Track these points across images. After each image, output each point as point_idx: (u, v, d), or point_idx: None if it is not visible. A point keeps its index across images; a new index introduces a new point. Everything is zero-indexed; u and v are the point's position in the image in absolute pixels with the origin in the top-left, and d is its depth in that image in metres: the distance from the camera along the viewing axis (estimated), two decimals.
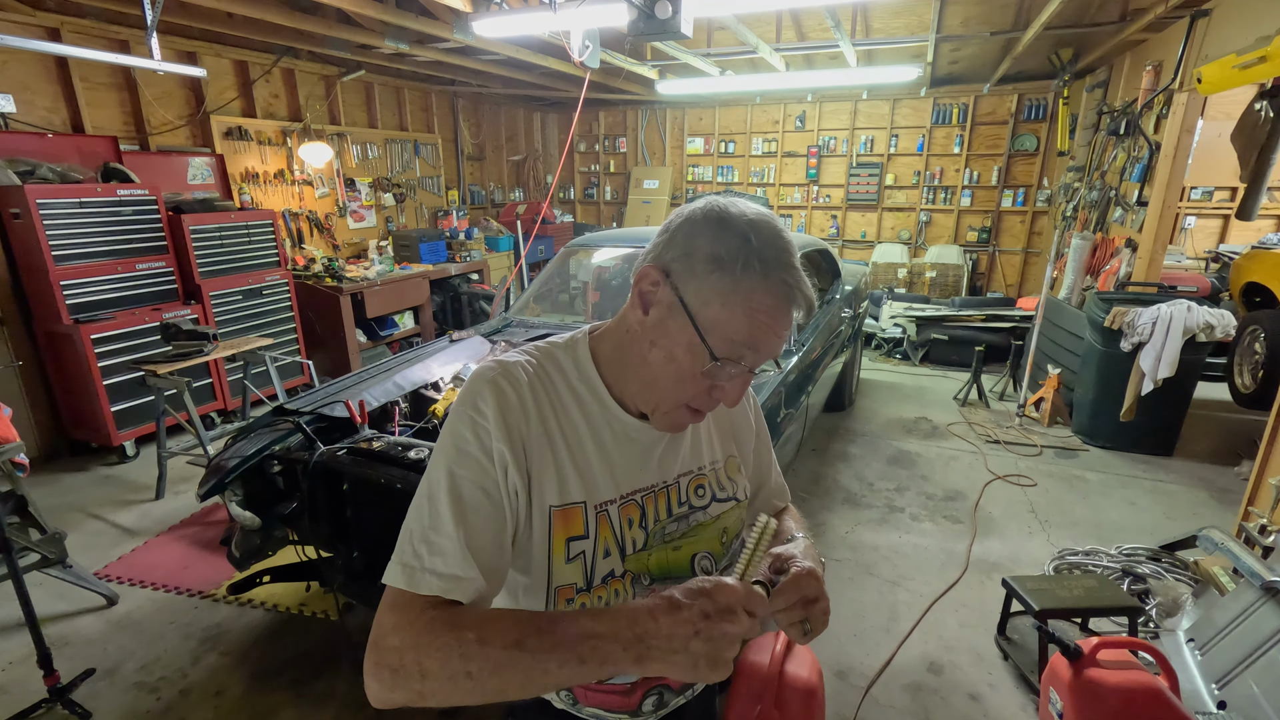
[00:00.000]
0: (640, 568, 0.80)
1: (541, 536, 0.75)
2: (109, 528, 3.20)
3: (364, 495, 1.96)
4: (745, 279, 0.68)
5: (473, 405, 0.73)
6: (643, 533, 0.80)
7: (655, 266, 0.73)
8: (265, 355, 3.87)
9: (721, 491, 0.89)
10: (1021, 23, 5.28)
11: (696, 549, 0.85)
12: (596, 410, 0.79)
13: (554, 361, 0.80)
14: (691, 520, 0.85)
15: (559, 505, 0.75)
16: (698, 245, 0.70)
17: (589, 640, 0.62)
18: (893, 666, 2.31)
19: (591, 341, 0.82)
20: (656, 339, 0.73)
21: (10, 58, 3.80)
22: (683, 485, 0.85)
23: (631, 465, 0.80)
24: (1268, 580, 2.01)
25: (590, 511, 0.76)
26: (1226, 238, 6.69)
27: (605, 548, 0.77)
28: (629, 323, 0.77)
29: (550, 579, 0.76)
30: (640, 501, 0.80)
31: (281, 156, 5.51)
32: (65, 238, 3.60)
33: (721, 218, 0.71)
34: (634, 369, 0.77)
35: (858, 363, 4.97)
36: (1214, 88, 3.55)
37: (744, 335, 0.70)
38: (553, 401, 0.77)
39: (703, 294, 0.70)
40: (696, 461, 0.87)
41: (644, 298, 0.74)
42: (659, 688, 0.87)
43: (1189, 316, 3.58)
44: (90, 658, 2.32)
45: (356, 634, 2.42)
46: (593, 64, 3.72)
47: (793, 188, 8.33)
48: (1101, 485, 3.65)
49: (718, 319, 0.69)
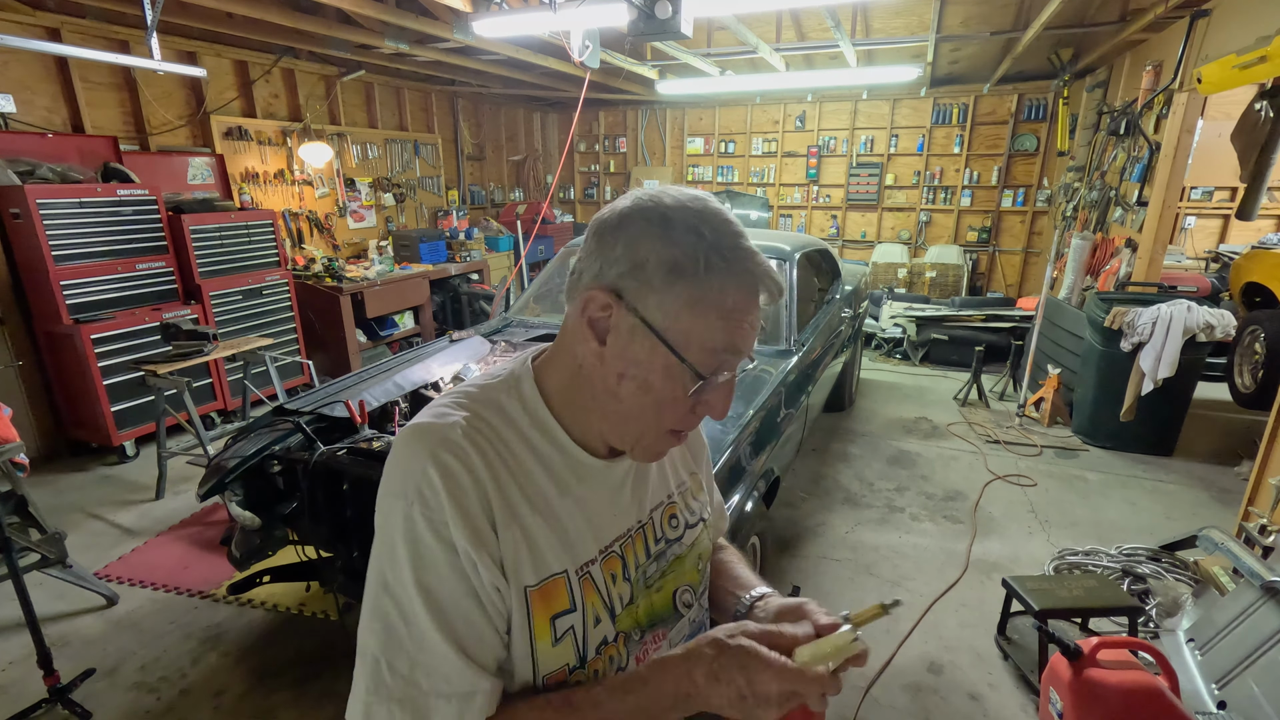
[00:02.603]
0: (631, 625, 0.72)
1: (520, 624, 0.64)
2: (109, 528, 3.20)
3: (364, 495, 1.96)
4: (710, 279, 0.60)
5: (417, 496, 0.60)
6: (627, 585, 0.72)
7: (602, 288, 0.62)
8: (265, 355, 3.87)
9: (691, 516, 0.82)
10: (1021, 23, 5.28)
11: (678, 584, 0.79)
12: (558, 459, 0.68)
13: (497, 409, 0.68)
14: (669, 555, 0.78)
15: (535, 584, 0.64)
16: (645, 254, 0.60)
17: (637, 715, 0.62)
18: (893, 666, 2.31)
19: (535, 374, 0.71)
20: (625, 370, 0.63)
21: (10, 58, 3.80)
22: (656, 520, 0.78)
23: (605, 512, 0.71)
24: (1268, 580, 2.01)
25: (573, 579, 0.67)
26: (1226, 238, 6.69)
27: (595, 615, 0.68)
28: (580, 356, 0.66)
29: (536, 671, 0.66)
30: (619, 551, 0.72)
31: (281, 156, 5.51)
32: (65, 238, 3.59)
33: (663, 216, 0.61)
34: (600, 405, 0.67)
35: (858, 363, 4.96)
36: (1214, 88, 3.55)
37: (723, 340, 0.62)
38: (505, 460, 0.65)
39: (667, 308, 0.60)
40: (665, 490, 0.80)
41: (595, 326, 0.63)
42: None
43: (1189, 316, 3.58)
44: (90, 658, 2.32)
45: (356, 634, 2.41)
46: (593, 64, 3.72)
47: (793, 188, 8.33)
48: (1101, 485, 3.65)
49: (691, 331, 0.61)
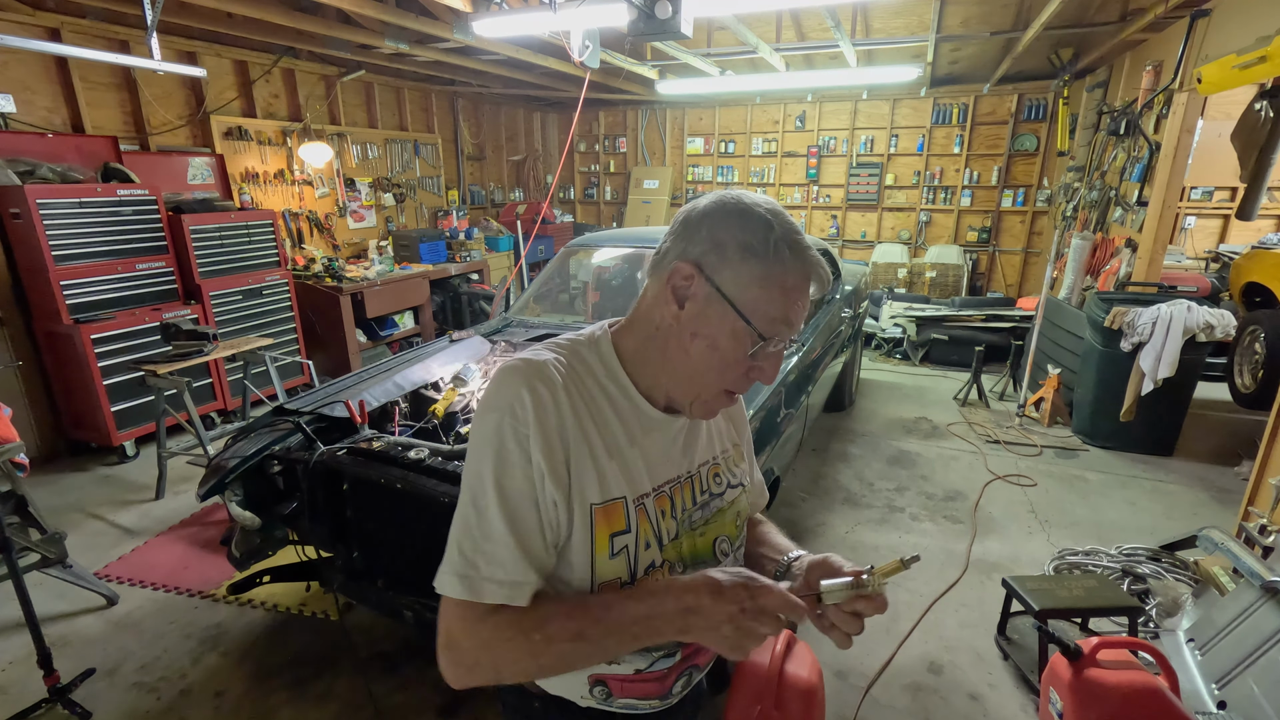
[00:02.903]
0: (675, 556, 0.83)
1: (583, 537, 0.76)
2: (109, 528, 3.20)
3: (364, 495, 1.96)
4: (777, 261, 0.73)
5: (509, 410, 0.73)
6: (674, 522, 0.83)
7: (687, 261, 0.75)
8: (265, 355, 3.87)
9: (733, 479, 0.93)
10: (1021, 23, 5.28)
11: (718, 533, 0.89)
12: (626, 406, 0.81)
13: (581, 360, 0.81)
14: (712, 507, 0.89)
15: (600, 502, 0.76)
16: (725, 237, 0.74)
17: (642, 622, 0.71)
18: (893, 666, 2.31)
19: (615, 339, 0.84)
20: (698, 329, 0.75)
21: (10, 58, 3.80)
22: (703, 474, 0.89)
23: (661, 458, 0.83)
24: (1268, 580, 2.01)
25: (630, 506, 0.79)
26: (1226, 238, 6.69)
27: (645, 540, 0.80)
28: (658, 319, 0.79)
29: (594, 578, 0.78)
30: (669, 492, 0.84)
31: (281, 156, 5.51)
32: (65, 238, 3.60)
33: (742, 209, 0.75)
34: (672, 363, 0.79)
35: (858, 363, 4.96)
36: (1214, 88, 3.55)
37: (780, 312, 0.74)
38: (586, 400, 0.78)
39: (740, 280, 0.73)
40: (711, 451, 0.91)
41: (678, 292, 0.76)
42: (689, 669, 0.90)
43: (1189, 316, 3.58)
44: (90, 658, 2.32)
45: (356, 634, 2.42)
46: (593, 64, 3.72)
47: (793, 188, 8.33)
48: (1101, 485, 3.65)
49: (757, 301, 0.73)
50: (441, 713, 2.11)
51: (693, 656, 0.88)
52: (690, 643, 0.83)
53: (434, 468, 1.85)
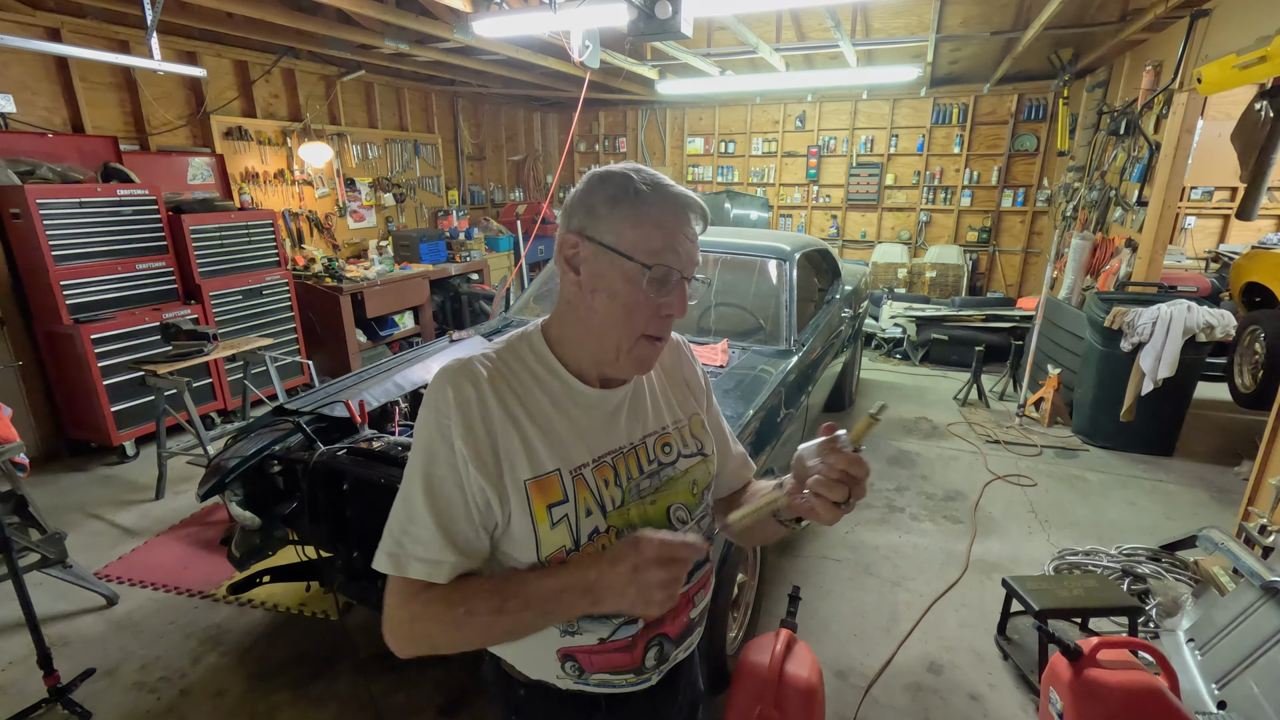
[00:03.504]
0: (623, 522, 0.86)
1: (521, 511, 0.80)
2: (109, 528, 3.20)
3: (364, 495, 1.96)
4: (641, 202, 0.80)
5: (434, 406, 0.80)
6: (619, 490, 0.87)
7: (570, 233, 0.83)
8: (265, 355, 3.87)
9: (686, 448, 0.96)
10: (1021, 23, 5.28)
11: (671, 501, 0.92)
12: (558, 387, 0.86)
13: (513, 352, 0.88)
14: (662, 475, 0.92)
15: (532, 477, 0.81)
16: (594, 200, 0.81)
17: (554, 596, 0.76)
18: (893, 666, 2.31)
19: (542, 327, 0.91)
20: (595, 285, 0.81)
21: (10, 58, 3.80)
22: (650, 445, 0.92)
23: (599, 431, 0.88)
24: (1268, 580, 2.01)
25: (566, 477, 0.83)
26: (1226, 238, 6.69)
27: (586, 508, 0.84)
28: (566, 292, 0.85)
29: (539, 549, 0.82)
30: (612, 462, 0.87)
31: (281, 156, 5.51)
32: (65, 238, 3.59)
33: (603, 175, 0.83)
34: (586, 327, 0.84)
35: (858, 363, 4.96)
36: (1214, 88, 3.55)
37: (661, 242, 0.80)
38: (514, 387, 0.84)
39: (614, 228, 0.80)
40: (659, 423, 0.95)
41: (571, 262, 0.83)
42: (658, 638, 0.91)
43: (1189, 316, 3.58)
44: (90, 658, 2.32)
45: (356, 634, 2.42)
46: (593, 64, 3.72)
47: (793, 188, 8.32)
48: (1101, 485, 3.65)
49: (635, 240, 0.79)
50: (441, 712, 2.11)
51: (658, 625, 0.90)
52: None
53: None
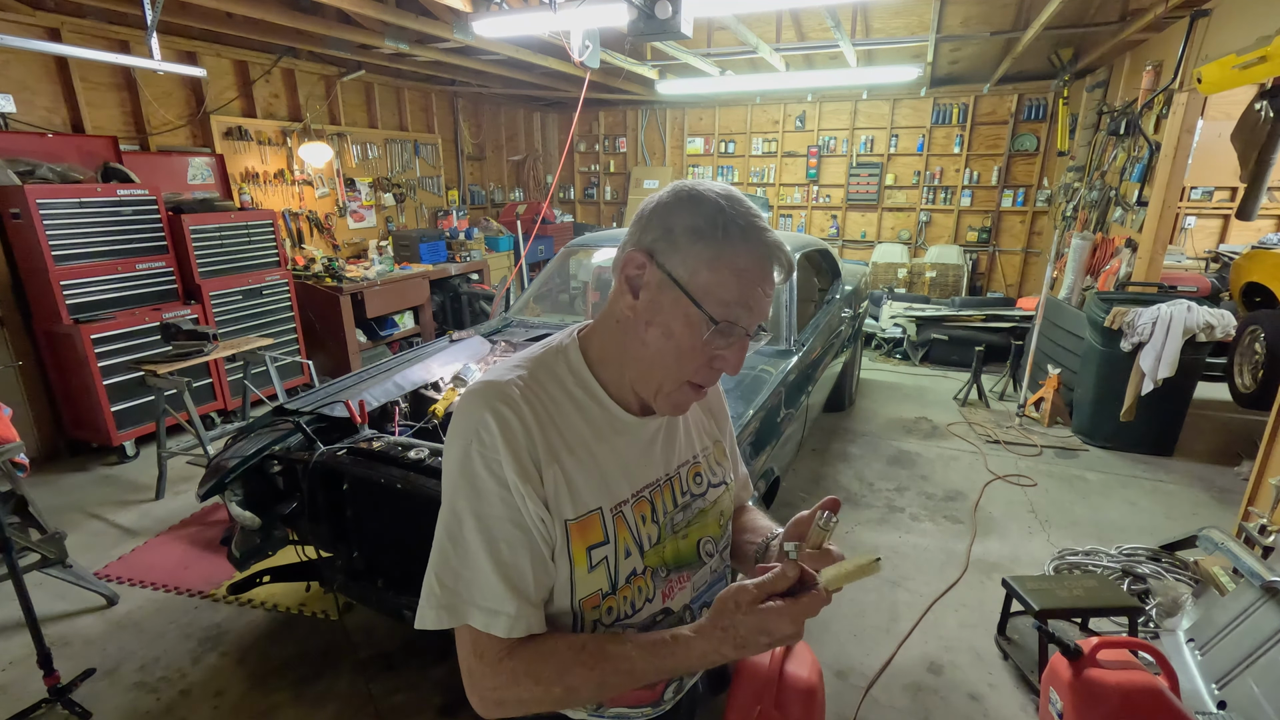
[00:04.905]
0: (658, 561, 0.82)
1: (560, 553, 0.75)
2: (109, 528, 3.20)
3: (364, 495, 1.96)
4: (727, 243, 0.71)
5: (476, 437, 0.72)
6: (655, 527, 0.82)
7: (638, 250, 0.74)
8: (265, 355, 3.87)
9: (714, 477, 0.92)
10: (1021, 23, 5.28)
11: (702, 535, 0.88)
12: (597, 412, 0.79)
13: (547, 369, 0.79)
14: (694, 508, 0.88)
15: (574, 518, 0.75)
16: (675, 222, 0.72)
17: (664, 672, 0.72)
18: (893, 666, 2.31)
19: (580, 342, 0.83)
20: (652, 318, 0.74)
21: (10, 58, 3.80)
22: (683, 475, 0.87)
23: (638, 461, 0.82)
24: (1268, 580, 2.01)
25: (608, 515, 0.77)
26: (1226, 238, 6.69)
27: (625, 548, 0.78)
28: (618, 312, 0.77)
29: (573, 593, 0.76)
30: (649, 496, 0.82)
31: (281, 156, 5.51)
32: (65, 238, 3.59)
33: (693, 194, 0.73)
34: (631, 355, 0.77)
35: (858, 363, 4.96)
36: (1214, 88, 3.54)
37: (735, 295, 0.71)
38: (552, 412, 0.76)
39: (689, 264, 0.71)
40: (690, 451, 0.90)
41: (631, 282, 0.75)
42: (680, 677, 0.89)
43: (1189, 316, 3.58)
44: (90, 658, 2.32)
45: (356, 634, 2.42)
46: (593, 64, 3.72)
47: (793, 188, 8.33)
48: (1101, 485, 3.65)
49: (708, 284, 0.71)
50: (441, 713, 2.11)
51: None
52: None
53: (434, 468, 1.85)
